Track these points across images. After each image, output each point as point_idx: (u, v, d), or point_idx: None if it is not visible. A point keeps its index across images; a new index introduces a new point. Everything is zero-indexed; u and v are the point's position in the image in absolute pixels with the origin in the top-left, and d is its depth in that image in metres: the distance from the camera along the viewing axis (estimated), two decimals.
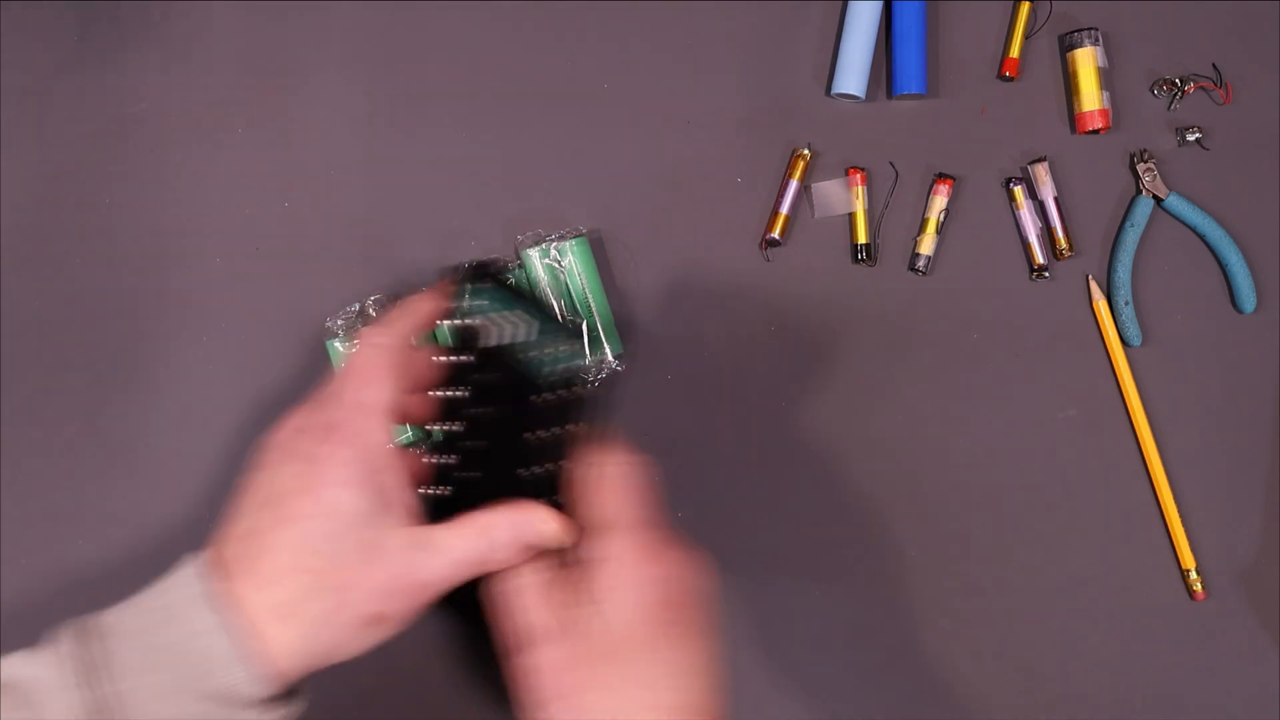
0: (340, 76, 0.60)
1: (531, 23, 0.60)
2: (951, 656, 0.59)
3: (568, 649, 0.39)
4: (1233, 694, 0.58)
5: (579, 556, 0.42)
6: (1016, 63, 0.60)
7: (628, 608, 0.40)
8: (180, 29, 0.60)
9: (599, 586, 0.40)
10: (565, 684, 0.39)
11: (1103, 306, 0.59)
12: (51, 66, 0.60)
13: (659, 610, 0.40)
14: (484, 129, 0.60)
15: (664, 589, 0.40)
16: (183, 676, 0.37)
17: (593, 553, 0.41)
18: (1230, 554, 0.59)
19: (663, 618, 0.40)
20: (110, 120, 0.60)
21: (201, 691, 0.37)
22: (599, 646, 0.39)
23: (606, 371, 0.58)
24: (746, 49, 0.60)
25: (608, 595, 0.40)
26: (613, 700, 0.39)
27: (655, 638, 0.40)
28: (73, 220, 0.59)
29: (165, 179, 0.60)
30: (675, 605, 0.40)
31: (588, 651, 0.39)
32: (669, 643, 0.40)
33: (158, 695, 0.37)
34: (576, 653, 0.39)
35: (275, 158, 0.60)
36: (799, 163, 0.59)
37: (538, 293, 0.57)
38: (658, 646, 0.40)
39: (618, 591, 0.40)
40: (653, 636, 0.40)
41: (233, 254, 0.59)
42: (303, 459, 0.40)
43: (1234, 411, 0.59)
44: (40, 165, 0.60)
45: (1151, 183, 0.59)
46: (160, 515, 0.58)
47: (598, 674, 0.39)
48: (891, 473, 0.59)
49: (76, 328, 0.59)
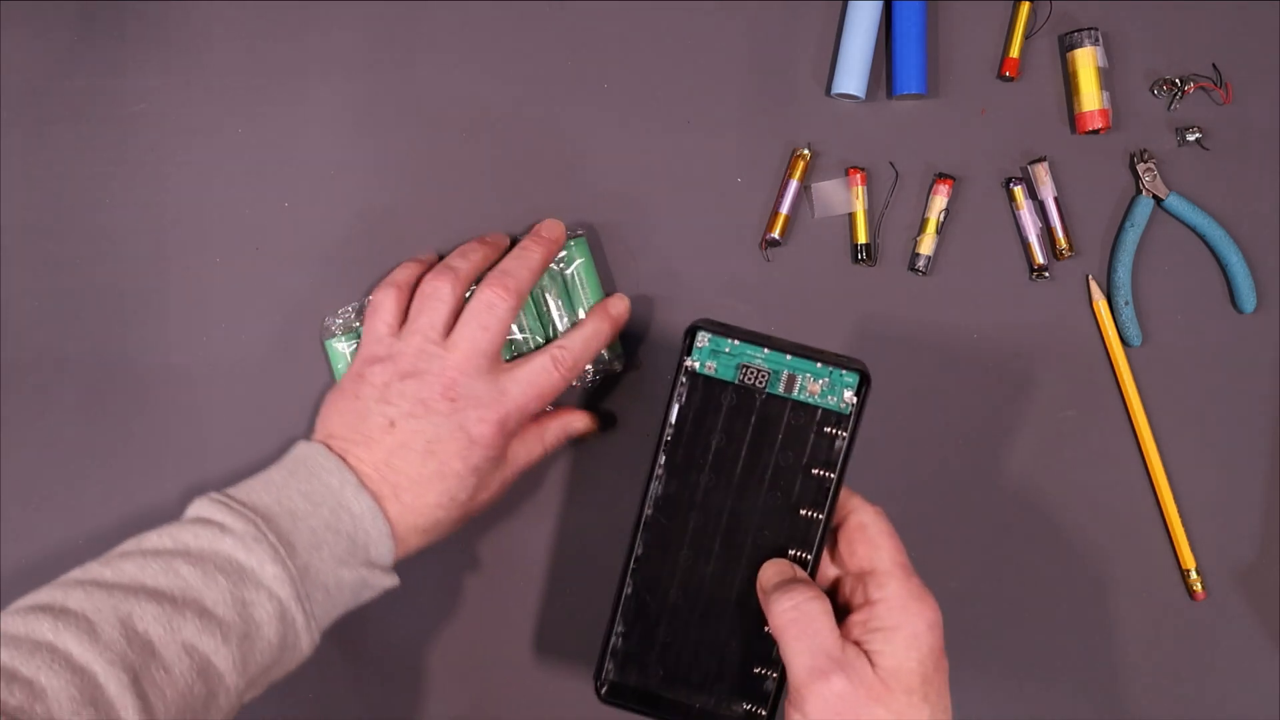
0: (340, 76, 0.60)
1: (532, 23, 0.60)
2: (949, 656, 0.58)
3: (856, 684, 0.41)
4: (1233, 694, 0.58)
5: (853, 600, 0.44)
6: (1016, 63, 0.60)
7: (905, 649, 0.42)
8: (180, 29, 0.60)
9: (877, 627, 0.42)
10: (847, 715, 0.41)
11: (1103, 306, 0.59)
12: (51, 66, 0.60)
13: (930, 655, 0.42)
14: (484, 129, 0.60)
15: (934, 635, 0.43)
16: (348, 549, 0.47)
17: (868, 595, 0.43)
18: (1230, 554, 0.59)
19: (933, 662, 0.42)
20: (110, 120, 0.60)
21: (364, 560, 0.48)
22: (879, 684, 0.41)
23: (605, 372, 0.58)
24: (746, 49, 0.60)
25: (888, 635, 0.42)
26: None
27: (927, 681, 0.42)
28: (73, 220, 0.59)
29: (165, 179, 0.60)
30: (939, 652, 0.43)
31: (869, 688, 0.41)
32: (934, 689, 0.42)
33: (335, 563, 0.47)
34: (859, 688, 0.41)
35: (275, 158, 0.60)
36: (799, 163, 0.59)
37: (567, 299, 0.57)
38: (928, 691, 0.42)
39: (898, 633, 0.42)
40: (925, 680, 0.42)
41: (233, 254, 0.59)
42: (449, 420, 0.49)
43: (1234, 411, 0.59)
44: (40, 165, 0.60)
45: (1151, 183, 0.59)
46: (160, 514, 0.57)
47: (875, 713, 0.41)
48: (890, 473, 0.59)
49: (76, 328, 0.59)
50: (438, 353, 0.50)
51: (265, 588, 0.45)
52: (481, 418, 0.50)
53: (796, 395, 0.45)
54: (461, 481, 0.50)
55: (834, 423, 0.45)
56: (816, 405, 0.45)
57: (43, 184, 0.60)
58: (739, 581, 0.46)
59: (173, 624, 0.42)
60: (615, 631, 0.47)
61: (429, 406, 0.49)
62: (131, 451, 0.58)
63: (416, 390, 0.50)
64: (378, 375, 0.51)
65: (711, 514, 0.46)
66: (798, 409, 0.45)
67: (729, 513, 0.46)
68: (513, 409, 0.51)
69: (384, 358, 0.51)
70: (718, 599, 0.47)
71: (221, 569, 0.44)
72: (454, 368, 0.50)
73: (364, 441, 0.50)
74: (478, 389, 0.50)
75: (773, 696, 0.46)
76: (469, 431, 0.50)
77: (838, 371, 0.45)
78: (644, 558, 0.47)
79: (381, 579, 0.49)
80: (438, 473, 0.49)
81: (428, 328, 0.51)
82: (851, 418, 0.45)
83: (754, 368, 0.45)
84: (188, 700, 0.42)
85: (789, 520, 0.46)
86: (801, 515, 0.46)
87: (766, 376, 0.45)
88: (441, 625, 0.59)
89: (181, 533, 0.46)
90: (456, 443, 0.49)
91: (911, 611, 0.42)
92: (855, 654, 0.42)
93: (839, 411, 0.45)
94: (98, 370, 0.59)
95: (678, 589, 0.47)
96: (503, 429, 0.51)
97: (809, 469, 0.46)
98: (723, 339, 0.45)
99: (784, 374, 0.45)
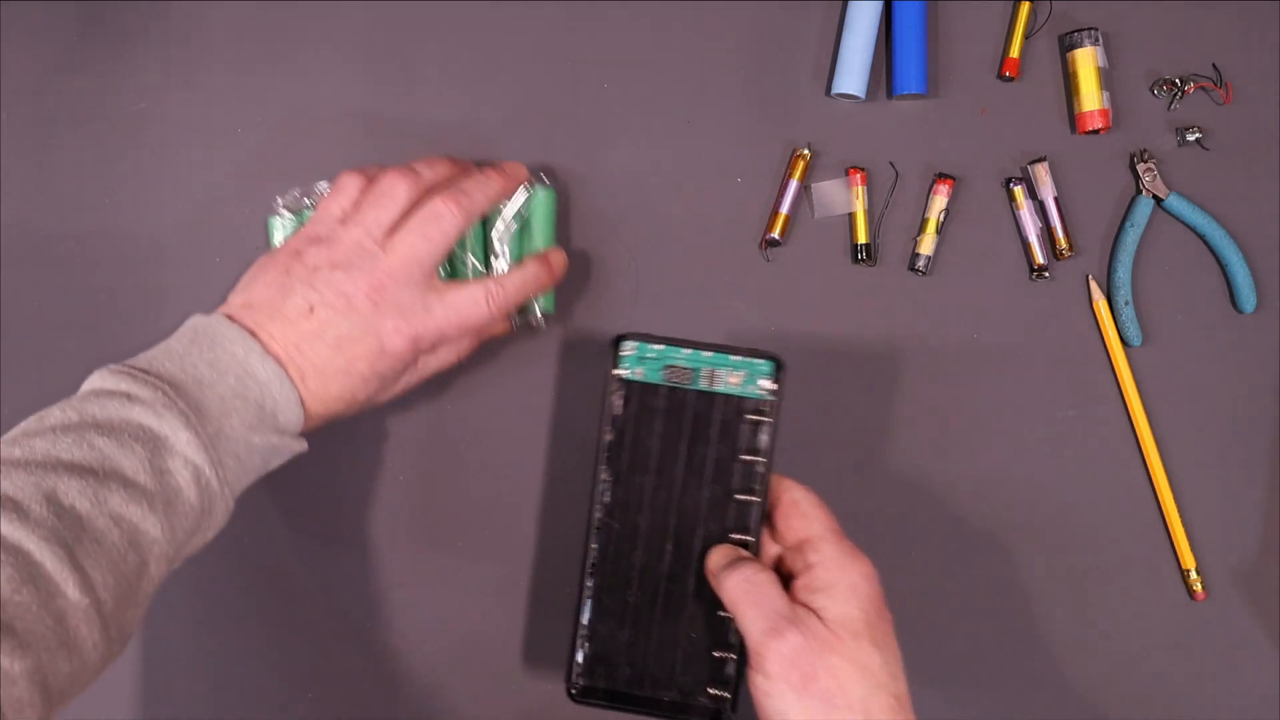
0: (340, 76, 0.60)
1: (532, 23, 0.60)
2: (949, 655, 0.59)
3: (810, 637, 0.44)
4: (1233, 694, 0.58)
5: (795, 569, 0.47)
6: (1016, 63, 0.60)
7: (846, 600, 0.45)
8: (180, 29, 0.60)
9: (818, 586, 0.45)
10: (806, 670, 0.43)
11: (1103, 306, 0.59)
12: (51, 66, 0.60)
13: (871, 603, 0.45)
14: (484, 129, 0.60)
15: (875, 585, 0.45)
16: (257, 415, 0.47)
17: (807, 561, 0.46)
18: (1230, 554, 0.59)
19: (875, 609, 0.45)
20: (110, 120, 0.60)
21: (273, 426, 0.48)
22: (829, 634, 0.44)
23: (534, 326, 0.58)
24: (746, 49, 0.60)
25: (829, 592, 0.45)
26: (844, 685, 0.43)
27: (872, 626, 0.44)
28: (73, 220, 0.59)
29: (165, 179, 0.60)
30: (880, 601, 0.45)
31: (821, 639, 0.44)
32: (880, 634, 0.45)
33: (245, 429, 0.46)
34: (811, 641, 0.44)
35: (275, 157, 0.60)
36: (799, 163, 0.59)
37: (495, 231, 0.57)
38: (874, 635, 0.44)
39: (837, 587, 0.45)
40: (870, 625, 0.44)
41: (232, 254, 0.59)
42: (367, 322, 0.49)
43: (1234, 411, 0.59)
44: (40, 165, 0.60)
45: (1151, 183, 0.59)
46: None
47: (829, 662, 0.43)
48: (890, 473, 0.59)
49: (76, 328, 0.59)
50: (375, 251, 0.50)
51: (180, 454, 0.44)
52: (398, 328, 0.49)
53: (719, 389, 0.48)
54: (365, 384, 0.50)
55: (757, 410, 0.48)
56: (738, 395, 0.48)
57: (43, 184, 0.60)
58: (692, 573, 0.49)
59: (98, 495, 0.42)
60: (580, 635, 0.49)
61: (350, 302, 0.49)
62: None
63: (343, 283, 0.49)
64: (311, 257, 0.50)
65: (658, 511, 0.49)
66: (722, 402, 0.48)
67: (674, 508, 0.49)
68: (431, 329, 0.50)
69: (324, 240, 0.50)
70: (674, 592, 0.49)
71: (136, 437, 0.44)
72: (385, 271, 0.49)
73: (280, 319, 0.49)
74: (403, 298, 0.50)
75: (734, 678, 0.48)
76: (382, 339, 0.49)
77: (752, 362, 0.48)
78: (599, 561, 0.49)
79: (291, 444, 0.49)
80: (343, 370, 0.49)
81: (372, 224, 0.50)
82: (772, 404, 0.48)
83: (678, 368, 0.49)
84: (122, 570, 0.42)
85: (730, 507, 0.48)
86: (740, 501, 0.48)
87: (690, 375, 0.49)
88: (427, 624, 0.59)
89: (87, 405, 0.45)
90: (367, 346, 0.49)
91: (847, 568, 0.45)
92: (805, 612, 0.45)
93: (760, 399, 0.48)
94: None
95: (635, 587, 0.49)
96: (415, 345, 0.50)
97: (741, 457, 0.48)
98: (646, 344, 0.49)
99: (704, 370, 0.49)
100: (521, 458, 0.59)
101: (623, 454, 0.49)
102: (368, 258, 0.50)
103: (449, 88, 0.60)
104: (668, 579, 0.49)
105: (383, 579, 0.59)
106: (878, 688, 0.43)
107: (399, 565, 0.59)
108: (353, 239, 0.50)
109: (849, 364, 0.59)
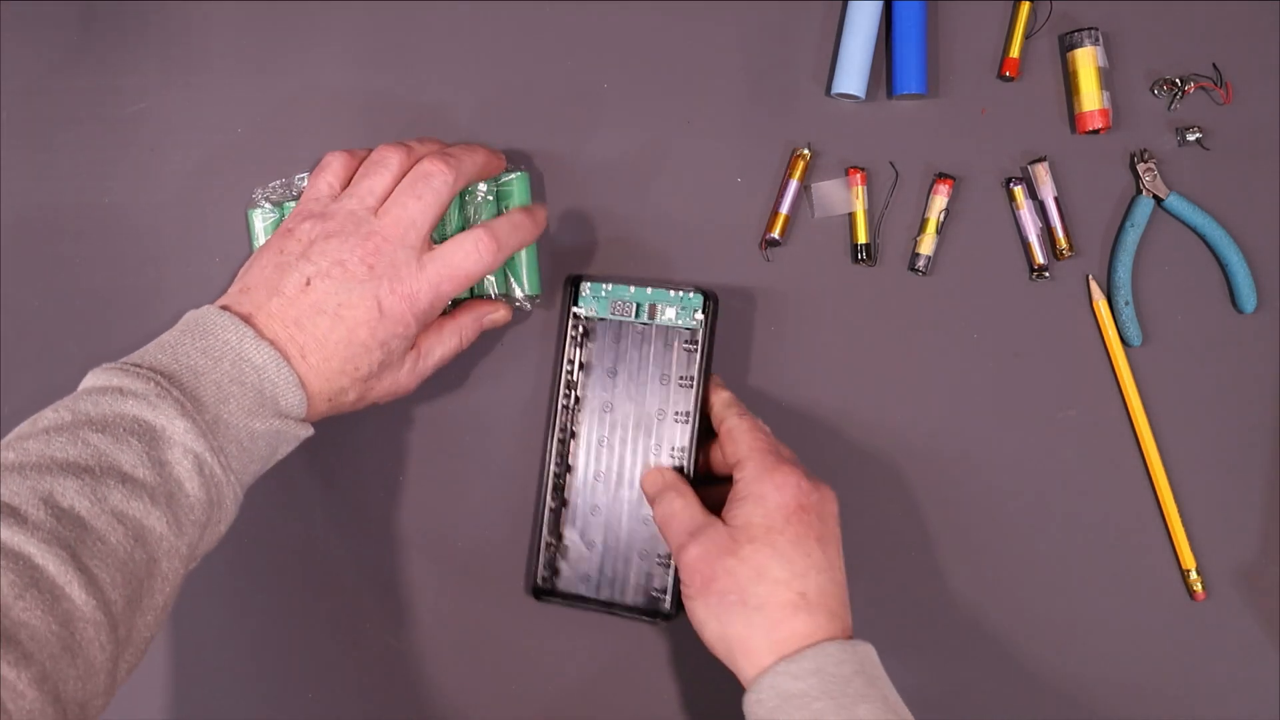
0: (341, 76, 0.60)
1: (532, 23, 0.60)
2: (949, 655, 0.59)
3: (709, 544, 0.48)
4: (1233, 694, 0.58)
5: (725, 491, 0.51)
6: (1016, 63, 0.60)
7: (751, 508, 0.49)
8: (180, 29, 0.60)
9: (737, 498, 0.49)
10: (706, 573, 0.48)
11: (1103, 306, 0.59)
12: (51, 66, 0.60)
13: (778, 510, 0.48)
14: (484, 129, 0.60)
15: (789, 494, 0.49)
16: (255, 400, 0.46)
17: (735, 479, 0.50)
18: (1230, 554, 0.59)
19: (781, 516, 0.48)
20: (110, 120, 0.60)
21: (274, 411, 0.47)
22: (728, 539, 0.48)
23: (518, 309, 0.58)
24: (746, 49, 0.60)
25: (741, 502, 0.49)
26: (740, 583, 0.47)
27: (772, 530, 0.48)
28: (73, 220, 0.59)
29: (165, 179, 0.60)
30: (798, 510, 0.48)
31: (719, 544, 0.48)
32: (786, 538, 0.48)
33: (245, 415, 0.46)
34: (710, 547, 0.48)
35: (275, 157, 0.60)
36: (799, 163, 0.59)
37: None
38: (773, 539, 0.48)
39: (748, 498, 0.49)
40: (769, 529, 0.48)
41: (233, 254, 0.59)
42: (364, 286, 0.49)
43: (1234, 411, 0.59)
44: (40, 165, 0.60)
45: (1151, 183, 0.59)
46: None
47: (727, 562, 0.48)
48: (890, 473, 0.59)
49: (76, 328, 0.59)
50: (368, 217, 0.50)
51: (179, 443, 0.44)
52: (393, 289, 0.49)
53: (659, 320, 0.56)
54: (368, 353, 0.49)
55: (691, 340, 0.56)
56: (676, 326, 0.56)
57: (43, 184, 0.60)
58: (638, 489, 0.56)
59: (97, 494, 0.41)
60: (541, 543, 0.57)
61: (346, 269, 0.49)
62: None
63: (338, 250, 0.49)
64: (305, 231, 0.50)
65: (609, 433, 0.56)
66: (662, 331, 0.56)
67: (621, 426, 0.56)
68: (426, 287, 0.50)
69: (316, 215, 0.51)
70: (623, 506, 0.56)
71: (131, 431, 0.43)
72: (378, 233, 0.49)
73: (279, 296, 0.48)
74: (398, 259, 0.49)
75: (672, 579, 0.55)
76: (380, 302, 0.49)
77: (686, 295, 0.55)
78: (557, 478, 0.57)
79: (296, 429, 0.48)
80: (345, 339, 0.48)
81: (365, 192, 0.50)
82: (703, 331, 0.55)
83: (623, 303, 0.56)
84: (130, 569, 0.41)
85: (670, 428, 0.55)
86: (677, 421, 0.55)
87: (633, 308, 0.56)
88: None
89: (79, 403, 0.44)
90: (366, 310, 0.49)
91: (761, 479, 0.49)
92: (711, 523, 0.49)
93: (694, 329, 0.55)
94: None
95: (589, 502, 0.56)
96: (413, 305, 0.49)
97: (678, 381, 0.56)
98: (599, 284, 0.56)
99: (647, 305, 0.56)
100: (523, 450, 0.59)
101: (576, 382, 0.57)
102: (362, 224, 0.50)
103: (448, 88, 0.60)
104: (615, 494, 0.56)
105: (382, 576, 0.59)
106: (776, 584, 0.47)
107: (402, 559, 0.59)
108: (346, 209, 0.50)
109: (849, 364, 0.59)
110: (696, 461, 0.55)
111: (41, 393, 0.57)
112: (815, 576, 0.47)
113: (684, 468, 0.55)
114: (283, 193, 0.58)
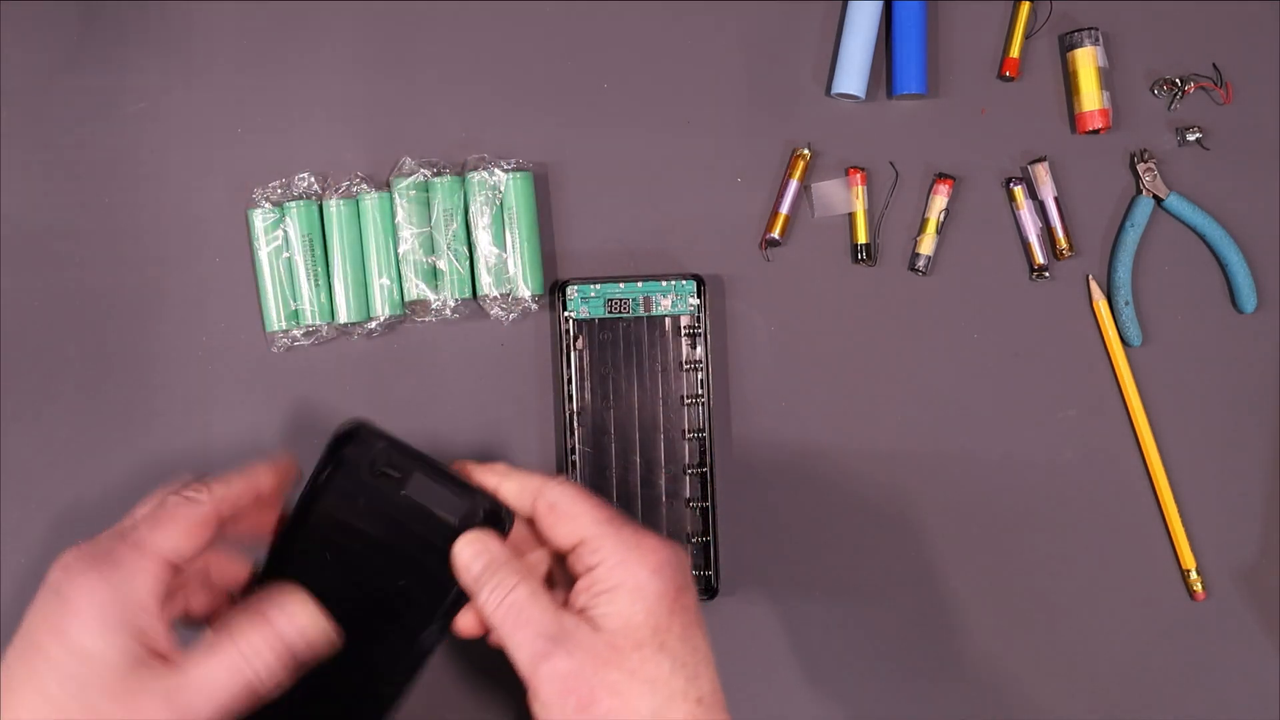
0: (340, 76, 0.60)
1: (532, 23, 0.60)
2: (949, 656, 0.59)
3: (582, 656, 0.39)
4: (1233, 694, 0.58)
5: (577, 570, 0.42)
6: (1016, 63, 0.60)
7: (629, 604, 0.40)
8: (180, 29, 0.60)
9: (599, 590, 0.40)
10: (583, 693, 0.39)
11: (1103, 306, 0.59)
12: (51, 66, 0.60)
13: (660, 601, 0.40)
14: (484, 130, 0.60)
15: (667, 577, 0.40)
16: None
17: (586, 563, 0.41)
18: (1230, 554, 0.59)
19: (665, 607, 0.40)
20: (110, 120, 0.60)
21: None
22: (606, 648, 0.39)
23: (522, 311, 0.58)
24: (746, 49, 0.60)
25: (610, 595, 0.40)
26: (629, 702, 0.39)
27: (660, 630, 0.40)
28: (73, 220, 0.59)
29: (165, 179, 0.60)
30: (678, 594, 0.41)
31: (595, 654, 0.39)
32: (674, 634, 0.40)
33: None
34: (585, 660, 0.39)
35: (275, 158, 0.60)
36: (799, 163, 0.59)
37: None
38: (664, 640, 0.40)
39: (620, 590, 0.40)
40: (658, 629, 0.40)
41: (232, 254, 0.59)
42: (57, 596, 0.38)
43: (1234, 411, 0.59)
44: (40, 165, 0.60)
45: (1151, 183, 0.59)
46: None
47: (608, 679, 0.39)
48: (890, 474, 0.59)
49: (76, 328, 0.59)
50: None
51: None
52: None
53: (655, 312, 0.57)
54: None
55: (691, 325, 0.57)
56: (674, 314, 0.57)
57: (43, 184, 0.60)
58: (659, 476, 0.56)
59: None
60: None
61: None
62: (131, 451, 0.58)
63: None
64: None
65: (621, 427, 0.56)
66: (661, 321, 0.57)
67: (634, 421, 0.56)
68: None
69: None
70: (647, 495, 0.56)
71: None
72: None
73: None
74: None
75: (715, 561, 0.56)
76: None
77: (679, 283, 0.57)
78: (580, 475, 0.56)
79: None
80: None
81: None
82: (701, 312, 0.57)
83: (618, 299, 0.56)
84: None
85: (680, 413, 0.56)
86: (686, 404, 0.56)
87: (629, 304, 0.56)
88: None
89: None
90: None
91: (631, 563, 0.40)
92: (576, 624, 0.40)
93: (692, 313, 0.57)
94: (97, 370, 0.59)
95: (612, 494, 0.56)
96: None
97: (684, 367, 0.57)
98: (587, 285, 0.57)
99: (641, 298, 0.57)
100: (536, 457, 0.59)
101: (584, 384, 0.56)
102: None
103: (448, 87, 0.60)
104: (642, 483, 0.56)
105: None
106: (672, 696, 0.39)
107: None
108: None
109: (849, 364, 0.59)
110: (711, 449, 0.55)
111: (42, 393, 0.57)
112: (705, 670, 0.40)
113: (704, 445, 0.56)
114: (283, 193, 0.58)
